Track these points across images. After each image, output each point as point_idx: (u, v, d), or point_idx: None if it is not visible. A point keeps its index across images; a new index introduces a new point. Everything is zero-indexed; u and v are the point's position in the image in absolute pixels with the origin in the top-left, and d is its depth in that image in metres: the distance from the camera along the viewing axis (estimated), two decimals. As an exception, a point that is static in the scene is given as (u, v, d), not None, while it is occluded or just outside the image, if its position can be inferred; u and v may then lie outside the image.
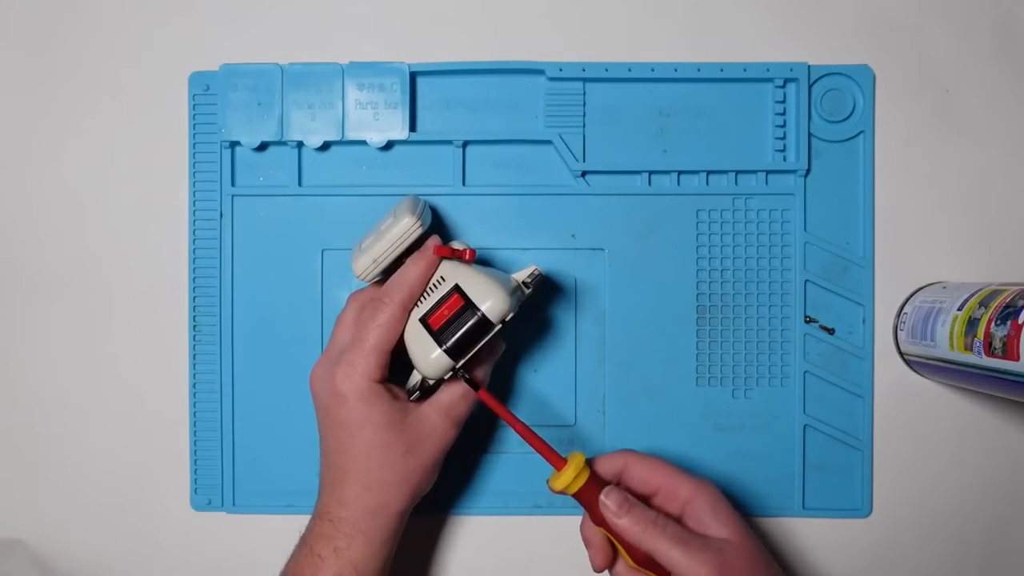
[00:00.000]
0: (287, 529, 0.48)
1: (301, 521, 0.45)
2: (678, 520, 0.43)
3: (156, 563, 0.51)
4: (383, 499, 0.43)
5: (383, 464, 0.43)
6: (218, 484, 0.50)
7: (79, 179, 0.51)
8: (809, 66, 0.50)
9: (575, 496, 0.43)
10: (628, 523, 0.41)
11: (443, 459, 0.45)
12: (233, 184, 0.50)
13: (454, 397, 0.45)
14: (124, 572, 0.51)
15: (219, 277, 0.50)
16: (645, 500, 0.43)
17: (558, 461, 0.42)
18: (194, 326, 0.50)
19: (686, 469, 0.44)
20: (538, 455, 0.41)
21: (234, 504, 0.51)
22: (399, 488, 0.43)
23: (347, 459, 0.43)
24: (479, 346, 0.42)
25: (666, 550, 0.40)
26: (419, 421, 0.44)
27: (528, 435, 0.42)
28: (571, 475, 0.42)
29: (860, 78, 0.50)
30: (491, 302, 0.41)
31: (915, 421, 0.51)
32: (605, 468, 0.44)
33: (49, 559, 0.51)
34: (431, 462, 0.44)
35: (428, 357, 0.42)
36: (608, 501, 0.42)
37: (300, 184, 0.50)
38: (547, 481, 0.43)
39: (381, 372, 0.43)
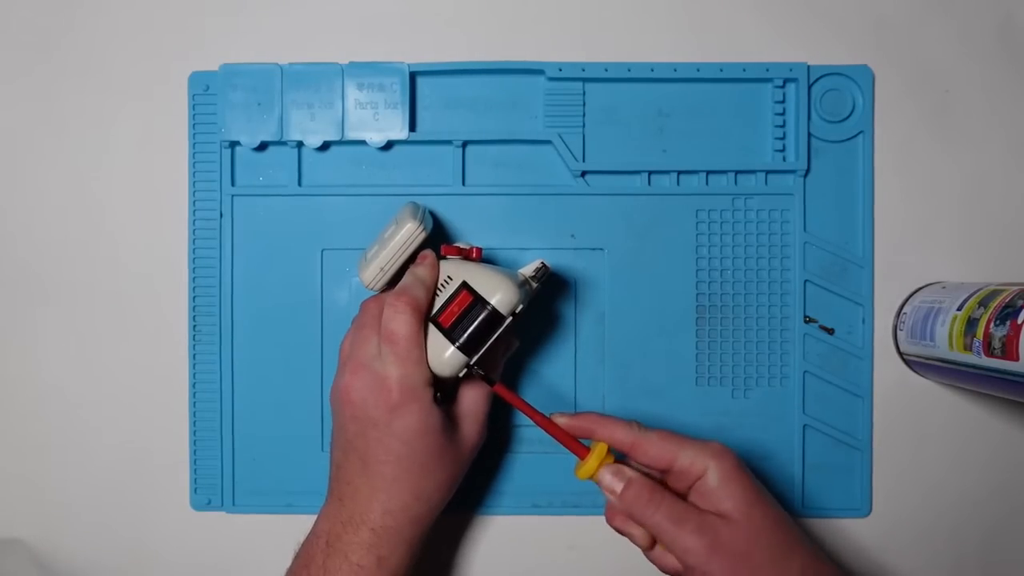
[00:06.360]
0: (287, 529, 0.48)
1: (301, 521, 0.45)
2: (686, 494, 0.42)
3: (156, 563, 0.51)
4: (429, 507, 0.43)
5: (433, 472, 0.43)
6: (218, 484, 0.51)
7: (79, 179, 0.51)
8: (808, 66, 0.50)
9: (598, 482, 0.42)
10: (623, 502, 0.41)
11: None
12: (233, 184, 0.50)
13: (478, 398, 0.45)
14: (124, 572, 0.52)
15: (219, 277, 0.50)
16: (661, 477, 0.43)
17: (581, 450, 0.42)
18: (194, 326, 0.50)
19: (698, 438, 0.42)
20: (535, 455, 0.42)
21: (234, 504, 0.51)
22: (442, 494, 0.44)
23: (397, 469, 0.42)
24: (492, 340, 0.42)
25: (661, 529, 0.40)
26: (458, 427, 0.44)
27: (549, 426, 0.43)
28: (595, 464, 0.42)
29: (860, 78, 0.50)
30: (500, 295, 0.42)
31: (915, 421, 0.51)
32: (609, 436, 0.43)
33: (49, 559, 0.51)
34: (467, 467, 0.45)
35: (442, 356, 0.42)
36: (604, 481, 0.42)
37: (300, 184, 0.50)
38: (574, 470, 0.43)
39: (431, 378, 0.43)
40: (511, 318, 0.42)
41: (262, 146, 0.50)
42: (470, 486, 0.50)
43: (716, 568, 0.39)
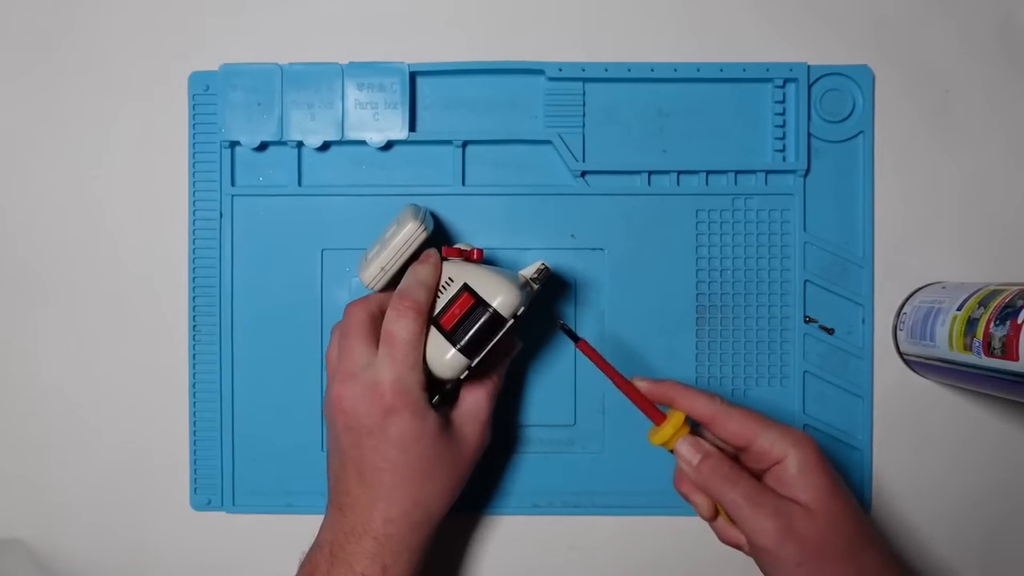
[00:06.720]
0: (287, 529, 0.48)
1: (301, 521, 0.45)
2: (760, 475, 0.42)
3: (156, 563, 0.51)
4: (430, 512, 0.43)
5: (433, 477, 0.43)
6: (218, 484, 0.51)
7: (79, 179, 0.51)
8: (809, 66, 0.50)
9: (673, 451, 0.43)
10: (699, 474, 0.41)
11: None
12: (233, 184, 0.50)
13: (480, 400, 0.45)
14: (124, 572, 0.52)
15: (219, 277, 0.50)
16: (736, 454, 0.43)
17: (657, 416, 0.43)
18: (194, 326, 0.50)
19: (781, 422, 0.42)
20: (535, 455, 0.41)
21: (234, 504, 0.51)
22: (444, 499, 0.44)
23: (395, 476, 0.42)
24: (493, 342, 0.42)
25: (735, 506, 0.40)
26: (458, 431, 0.44)
27: (628, 389, 0.43)
28: (670, 432, 0.42)
29: (860, 78, 0.50)
30: (502, 297, 0.42)
31: (915, 421, 0.51)
32: (689, 406, 0.42)
33: (49, 559, 0.51)
34: (470, 470, 0.45)
35: (443, 358, 0.42)
36: (681, 451, 0.42)
37: (300, 184, 0.50)
38: (647, 435, 0.43)
39: (425, 382, 0.42)
40: (512, 320, 0.42)
41: (262, 146, 0.50)
42: (470, 487, 0.50)
43: (787, 553, 0.39)
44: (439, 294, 0.44)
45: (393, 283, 0.45)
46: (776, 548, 0.39)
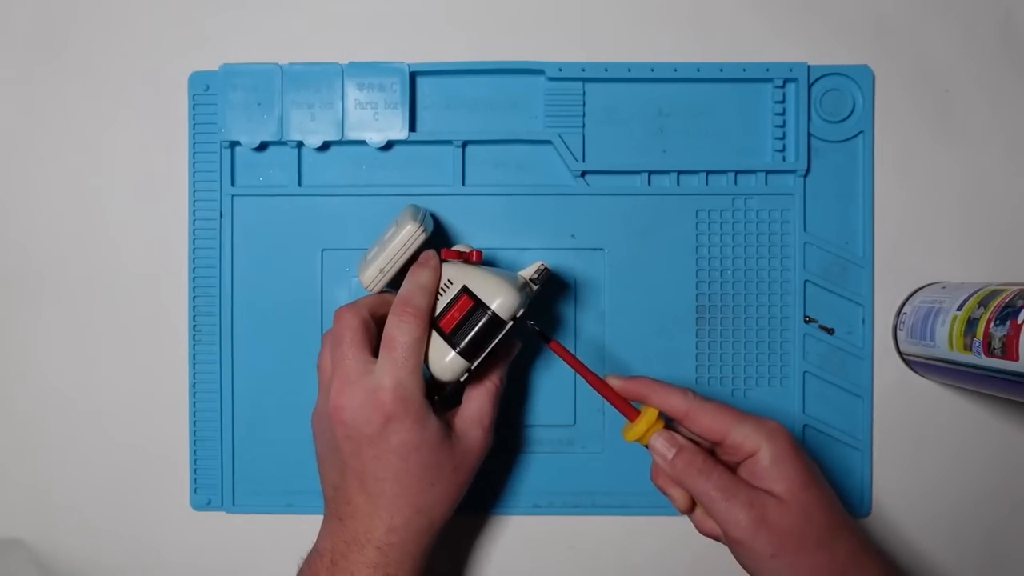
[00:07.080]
0: (287, 529, 0.48)
1: (301, 521, 0.45)
2: (735, 467, 0.42)
3: (156, 563, 0.51)
4: (432, 519, 0.43)
5: (435, 484, 0.43)
6: (218, 484, 0.51)
7: (79, 179, 0.51)
8: (809, 66, 0.50)
9: (648, 447, 0.43)
10: (673, 468, 0.41)
11: None
12: (233, 184, 0.50)
13: (483, 405, 0.45)
14: (124, 572, 0.52)
15: (219, 277, 0.50)
16: (712, 448, 0.43)
17: (631, 412, 0.43)
18: (194, 326, 0.50)
19: (754, 414, 0.42)
20: (535, 455, 0.41)
21: (234, 504, 0.51)
22: (446, 505, 0.44)
23: (397, 485, 0.42)
24: (492, 345, 0.42)
25: (709, 499, 0.40)
26: (461, 436, 0.44)
27: (601, 387, 0.43)
28: (643, 427, 0.42)
29: (860, 78, 0.50)
30: (501, 300, 0.41)
31: (915, 421, 0.51)
32: (662, 402, 0.43)
33: (49, 559, 0.51)
34: (472, 475, 0.45)
35: (443, 360, 0.42)
36: (655, 445, 0.42)
37: (300, 184, 0.50)
38: (622, 431, 0.44)
39: (425, 386, 0.42)
40: (512, 322, 0.42)
41: (262, 146, 0.50)
42: (470, 487, 0.50)
43: (761, 544, 0.39)
44: (439, 296, 0.44)
45: (392, 285, 0.45)
46: (750, 539, 0.39)
